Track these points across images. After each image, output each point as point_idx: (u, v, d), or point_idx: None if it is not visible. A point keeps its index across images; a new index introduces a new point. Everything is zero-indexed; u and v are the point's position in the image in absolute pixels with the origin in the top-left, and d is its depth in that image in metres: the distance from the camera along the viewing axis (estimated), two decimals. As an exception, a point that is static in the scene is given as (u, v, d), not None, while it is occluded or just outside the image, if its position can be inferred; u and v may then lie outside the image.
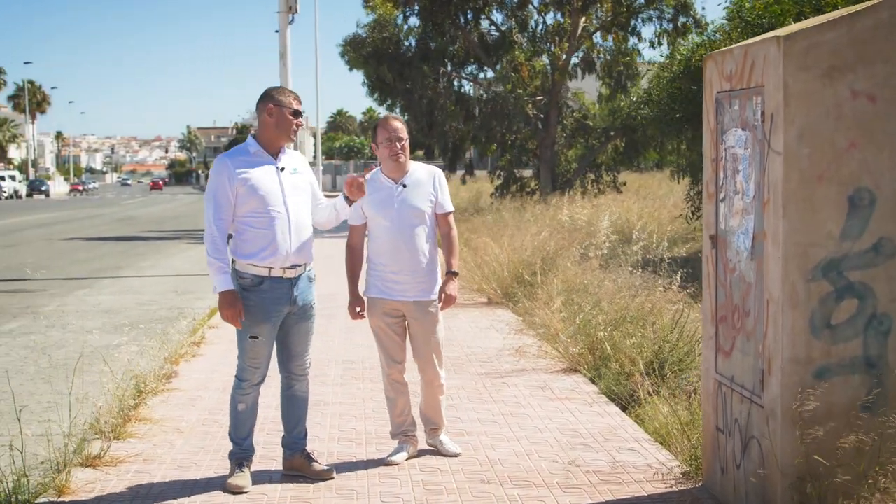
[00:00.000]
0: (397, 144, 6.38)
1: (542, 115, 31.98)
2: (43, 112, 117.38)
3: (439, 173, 6.60)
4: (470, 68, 34.17)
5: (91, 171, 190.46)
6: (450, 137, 33.92)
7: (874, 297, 4.75)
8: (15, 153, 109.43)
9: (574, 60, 32.28)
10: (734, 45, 5.25)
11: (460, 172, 37.00)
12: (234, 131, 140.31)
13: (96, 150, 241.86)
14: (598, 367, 8.72)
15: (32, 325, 13.06)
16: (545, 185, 31.41)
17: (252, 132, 6.32)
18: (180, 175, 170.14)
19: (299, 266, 6.10)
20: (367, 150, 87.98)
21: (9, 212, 48.45)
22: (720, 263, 5.44)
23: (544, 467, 6.34)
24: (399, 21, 33.12)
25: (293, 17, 20.60)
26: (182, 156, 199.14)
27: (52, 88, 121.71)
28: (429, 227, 6.47)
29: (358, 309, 6.53)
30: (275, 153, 6.13)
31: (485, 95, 33.24)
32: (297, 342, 6.23)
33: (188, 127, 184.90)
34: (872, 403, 4.74)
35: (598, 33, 32.71)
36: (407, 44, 32.98)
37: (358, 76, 34.90)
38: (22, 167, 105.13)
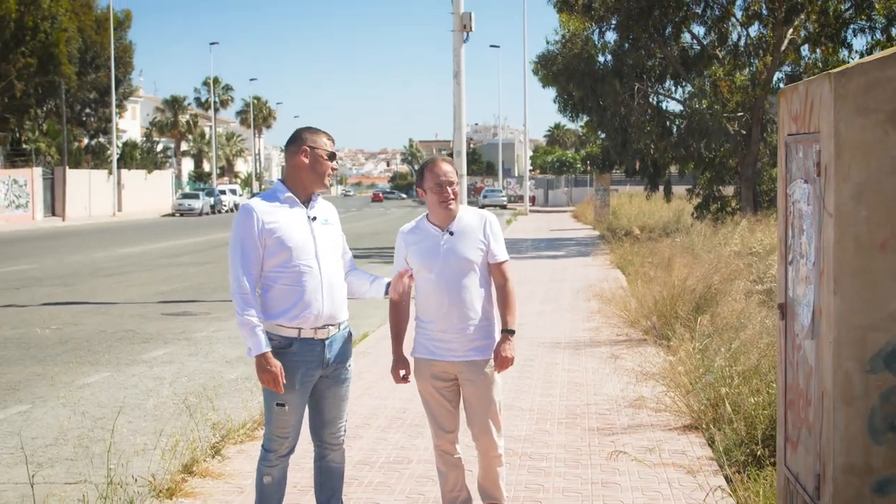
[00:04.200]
0: (448, 189, 5.71)
1: (743, 132, 30.55)
2: (269, 127, 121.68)
3: (491, 218, 5.89)
4: (667, 84, 33.01)
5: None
6: (646, 155, 32.84)
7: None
8: (242, 167, 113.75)
9: (778, 75, 30.69)
10: (801, 82, 4.38)
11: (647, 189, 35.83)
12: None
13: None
14: (719, 427, 7.82)
15: (177, 353, 13.03)
16: (746, 205, 29.98)
17: (280, 176, 5.78)
18: (401, 188, 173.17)
19: (332, 326, 5.52)
20: (578, 165, 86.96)
21: (222, 226, 49.94)
22: (789, 337, 4.58)
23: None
24: (594, 36, 32.34)
25: (467, 36, 20.13)
26: (404, 168, 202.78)
27: (277, 104, 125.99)
28: (480, 279, 5.76)
29: (402, 372, 5.86)
30: (306, 200, 5.56)
31: (682, 111, 32.04)
32: (331, 408, 5.65)
33: (410, 140, 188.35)
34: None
35: (805, 45, 31.00)
36: (601, 59, 32.15)
37: (551, 92, 34.30)
38: (248, 180, 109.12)
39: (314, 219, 5.52)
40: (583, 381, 10.36)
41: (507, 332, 5.75)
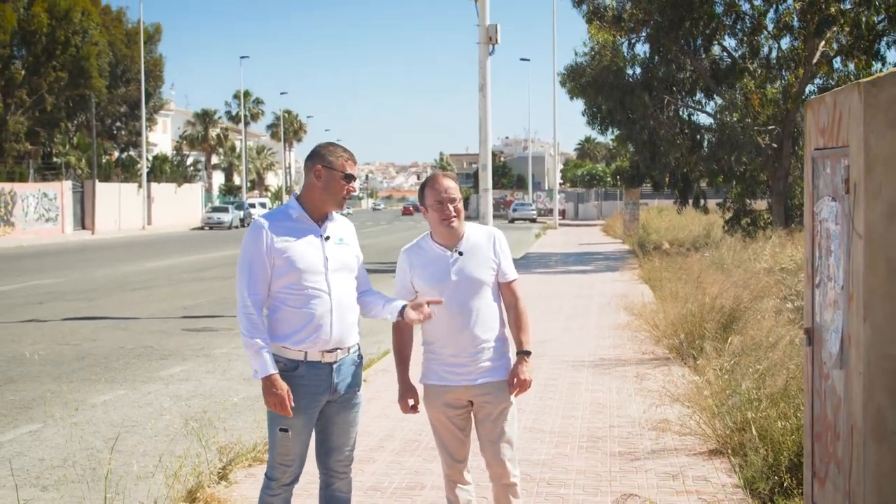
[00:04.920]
0: (450, 206, 5.40)
1: (774, 145, 30.14)
2: (299, 140, 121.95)
3: (499, 235, 5.58)
4: (697, 97, 32.65)
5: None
6: (676, 168, 32.46)
7: None
8: (273, 180, 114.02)
9: (810, 87, 30.28)
10: (829, 92, 4.09)
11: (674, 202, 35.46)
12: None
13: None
14: (744, 452, 7.51)
15: (194, 371, 12.83)
16: (777, 220, 29.57)
17: (295, 192, 5.52)
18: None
19: (341, 350, 5.25)
20: (608, 179, 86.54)
21: (251, 239, 49.77)
22: (816, 364, 4.28)
23: None
24: (624, 48, 32.05)
25: (493, 48, 19.86)
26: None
27: (308, 117, 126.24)
28: (492, 299, 5.48)
29: (411, 402, 5.55)
30: (320, 219, 5.30)
31: (712, 124, 31.67)
32: (338, 435, 5.37)
33: (441, 153, 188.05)
34: None
35: (838, 58, 30.57)
36: (630, 71, 31.83)
37: (581, 105, 34.00)
38: (278, 194, 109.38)
39: (327, 238, 5.26)
40: (606, 401, 10.07)
41: (524, 354, 5.47)
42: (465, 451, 5.57)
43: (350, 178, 5.30)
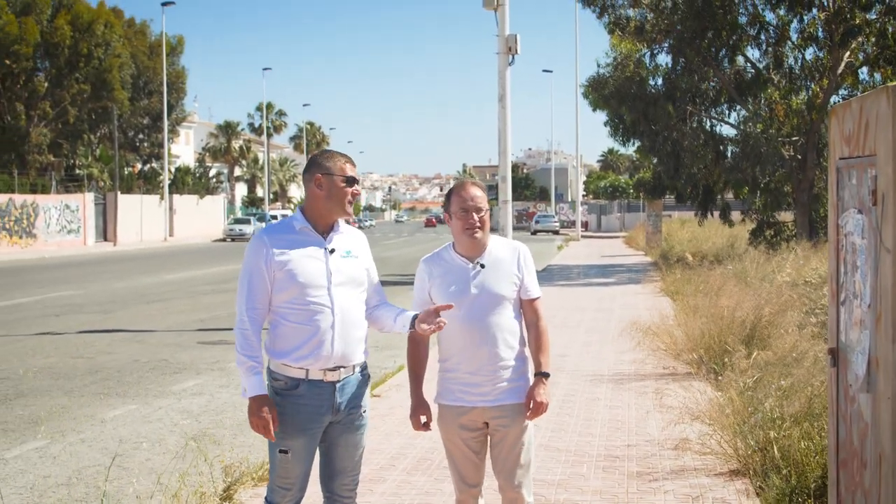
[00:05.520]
0: (475, 216, 5.17)
1: (798, 157, 29.80)
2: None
3: (524, 250, 5.34)
4: (721, 107, 32.34)
5: (370, 208, 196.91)
6: (699, 179, 32.14)
7: None
8: (295, 192, 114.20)
9: (835, 98, 29.93)
10: (854, 98, 3.85)
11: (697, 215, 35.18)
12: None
13: (376, 188, 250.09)
14: (766, 473, 7.24)
15: (207, 385, 12.63)
16: (802, 232, 29.23)
17: (300, 204, 5.31)
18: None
19: (344, 368, 5.02)
20: (631, 191, 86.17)
21: (271, 251, 49.71)
22: (841, 387, 4.04)
23: None
24: (646, 59, 31.80)
25: (513, 59, 19.64)
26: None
27: (331, 129, 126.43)
28: (512, 316, 5.23)
29: (423, 418, 5.31)
30: (324, 231, 5.07)
31: (736, 135, 31.36)
32: (342, 457, 5.13)
33: (464, 165, 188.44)
34: None
35: (864, 68, 30.23)
36: (653, 82, 31.57)
37: (604, 117, 33.76)
38: (301, 205, 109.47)
39: (332, 251, 5.04)
40: (625, 418, 9.81)
41: (542, 376, 5.22)
42: (479, 475, 5.33)
43: (352, 180, 5.10)
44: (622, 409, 10.25)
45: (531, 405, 5.19)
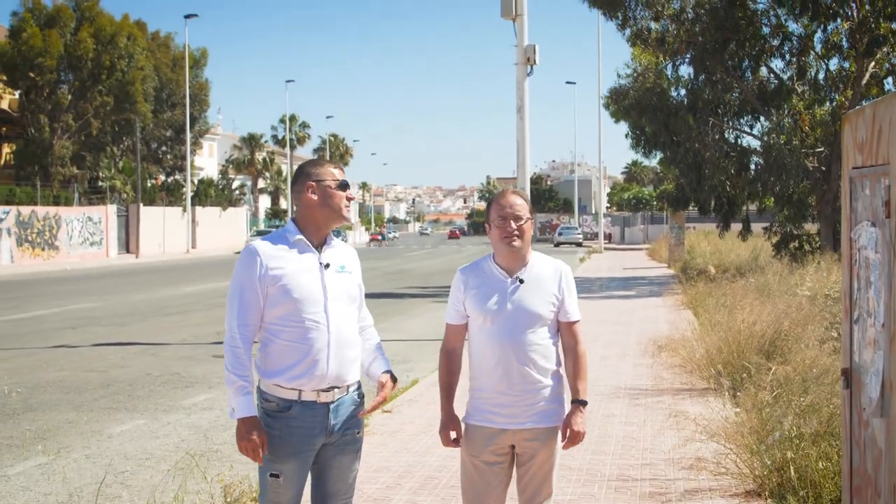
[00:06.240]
0: (512, 224, 4.90)
1: (822, 168, 29.46)
2: (346, 164, 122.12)
3: (566, 270, 5.08)
4: (744, 119, 32.03)
5: (394, 220, 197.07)
6: (721, 191, 31.83)
7: None
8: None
9: (859, 108, 29.60)
10: (868, 104, 3.63)
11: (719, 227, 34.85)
12: (530, 182, 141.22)
13: (400, 200, 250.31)
14: (783, 495, 6.99)
15: (218, 399, 12.45)
16: (826, 244, 28.88)
17: (292, 215, 5.12)
18: (478, 225, 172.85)
19: (339, 388, 4.80)
20: (654, 203, 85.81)
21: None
22: (854, 410, 3.81)
23: None
24: (668, 70, 31.56)
25: (531, 69, 19.45)
26: (482, 205, 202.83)
27: (354, 141, 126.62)
28: (549, 336, 4.97)
29: (453, 434, 5.03)
30: (319, 243, 4.87)
31: (759, 147, 31.05)
32: (335, 480, 4.90)
33: (488, 177, 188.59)
34: None
35: (889, 78, 29.89)
36: (674, 94, 31.30)
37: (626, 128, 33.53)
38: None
39: (327, 266, 4.82)
40: (639, 436, 9.57)
41: (579, 403, 4.97)
42: (496, 503, 5.04)
43: (344, 185, 4.89)
44: (637, 427, 10.01)
45: (567, 433, 4.96)
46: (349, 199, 4.92)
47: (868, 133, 3.56)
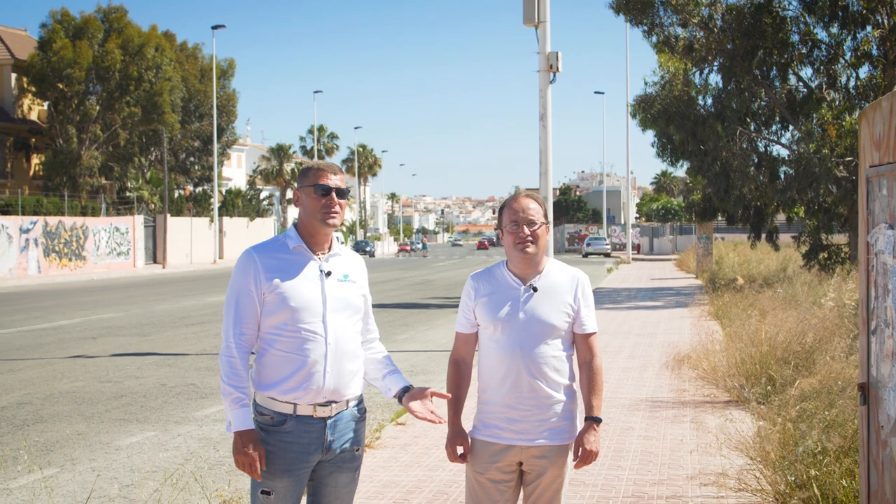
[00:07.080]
0: (525, 230, 4.66)
1: (852, 177, 29.00)
2: (374, 175, 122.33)
3: (583, 279, 4.82)
4: (773, 127, 31.61)
5: (423, 231, 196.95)
6: (750, 201, 31.41)
7: None
8: (347, 215, 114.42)
9: (890, 116, 29.15)
10: (885, 96, 3.36)
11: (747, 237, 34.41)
12: (558, 192, 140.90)
13: (429, 211, 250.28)
14: (806, 514, 6.70)
15: (233, 410, 12.22)
16: (855, 254, 28.43)
17: (294, 221, 4.88)
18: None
19: (337, 403, 4.56)
20: (682, 214, 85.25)
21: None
22: (872, 428, 3.53)
23: None
24: (695, 78, 31.21)
25: (554, 77, 19.17)
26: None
27: (383, 152, 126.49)
28: (563, 349, 4.72)
29: (460, 449, 4.79)
30: (320, 251, 4.63)
31: (788, 156, 30.63)
32: (330, 499, 4.67)
33: (516, 187, 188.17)
34: None
35: (919, 86, 29.41)
36: (702, 102, 30.93)
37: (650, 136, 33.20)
38: (353, 228, 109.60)
39: (328, 274, 4.59)
40: (658, 450, 9.27)
41: (593, 421, 4.72)
42: None
43: (325, 189, 4.60)
44: (656, 440, 9.71)
45: (580, 452, 4.71)
46: (334, 205, 4.63)
47: (886, 127, 3.29)
